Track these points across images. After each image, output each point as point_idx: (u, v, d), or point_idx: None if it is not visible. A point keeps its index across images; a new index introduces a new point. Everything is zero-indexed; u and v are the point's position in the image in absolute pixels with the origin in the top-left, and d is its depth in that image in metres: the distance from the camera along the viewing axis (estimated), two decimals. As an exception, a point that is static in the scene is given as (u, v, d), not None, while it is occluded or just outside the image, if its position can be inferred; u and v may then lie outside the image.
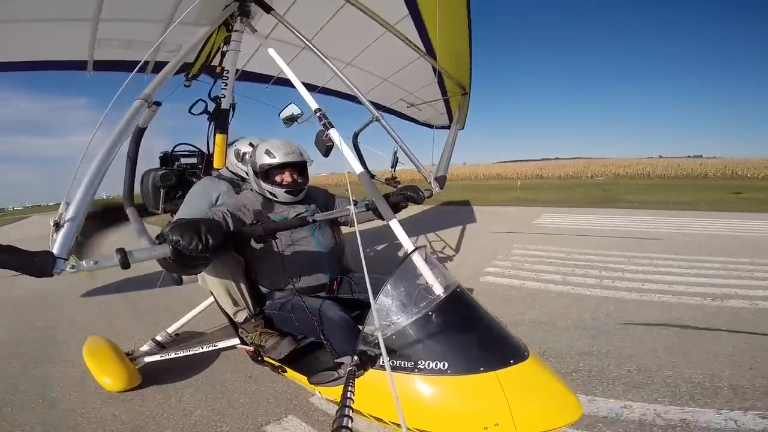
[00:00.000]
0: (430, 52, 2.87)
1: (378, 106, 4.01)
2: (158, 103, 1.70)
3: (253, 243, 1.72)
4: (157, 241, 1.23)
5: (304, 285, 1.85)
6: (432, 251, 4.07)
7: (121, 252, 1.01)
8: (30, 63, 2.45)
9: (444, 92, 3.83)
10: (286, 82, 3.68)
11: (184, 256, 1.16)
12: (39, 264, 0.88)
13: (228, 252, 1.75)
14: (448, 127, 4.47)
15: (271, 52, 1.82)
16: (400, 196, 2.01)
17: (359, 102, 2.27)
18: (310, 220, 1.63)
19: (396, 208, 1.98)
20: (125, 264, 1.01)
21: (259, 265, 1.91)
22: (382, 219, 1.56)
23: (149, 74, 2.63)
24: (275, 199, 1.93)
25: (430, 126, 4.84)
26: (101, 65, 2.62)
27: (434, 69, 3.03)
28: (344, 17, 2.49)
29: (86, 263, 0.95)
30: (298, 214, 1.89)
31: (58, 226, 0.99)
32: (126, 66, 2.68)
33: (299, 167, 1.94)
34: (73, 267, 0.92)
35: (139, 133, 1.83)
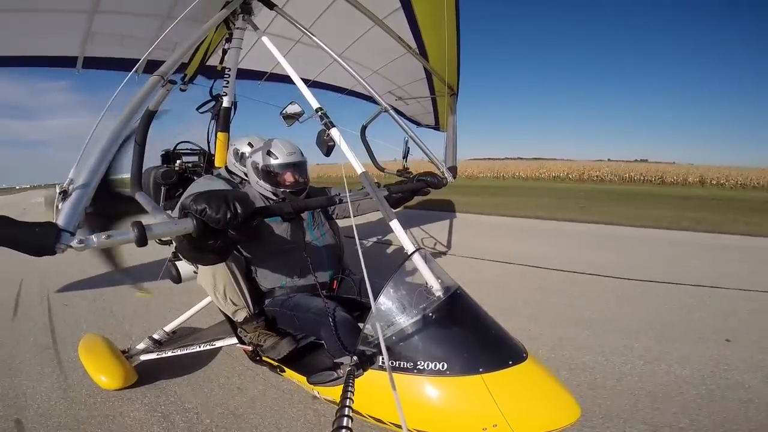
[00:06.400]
0: (421, 48, 2.89)
1: (366, 97, 4.00)
2: (173, 81, 1.66)
3: (276, 227, 1.81)
4: (176, 216, 1.07)
5: (305, 283, 1.85)
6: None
7: (138, 226, 0.85)
8: (17, 58, 2.39)
9: (432, 90, 3.85)
10: (279, 78, 3.66)
11: (208, 232, 1.00)
12: (40, 238, 0.72)
13: (251, 234, 1.67)
14: (434, 127, 4.66)
15: (273, 49, 1.80)
16: (421, 182, 2.06)
17: (353, 94, 2.26)
18: (337, 201, 1.61)
19: (417, 194, 2.09)
20: (142, 240, 0.86)
21: (260, 263, 1.90)
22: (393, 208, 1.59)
23: (140, 74, 2.60)
24: (276, 199, 1.92)
25: (417, 123, 4.88)
26: (91, 63, 2.58)
27: (424, 67, 3.02)
28: (336, 10, 2.49)
29: (97, 238, 0.80)
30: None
31: (65, 194, 0.84)
32: (116, 64, 2.63)
33: (300, 167, 1.92)
34: (81, 242, 0.77)
35: (149, 116, 1.75)
